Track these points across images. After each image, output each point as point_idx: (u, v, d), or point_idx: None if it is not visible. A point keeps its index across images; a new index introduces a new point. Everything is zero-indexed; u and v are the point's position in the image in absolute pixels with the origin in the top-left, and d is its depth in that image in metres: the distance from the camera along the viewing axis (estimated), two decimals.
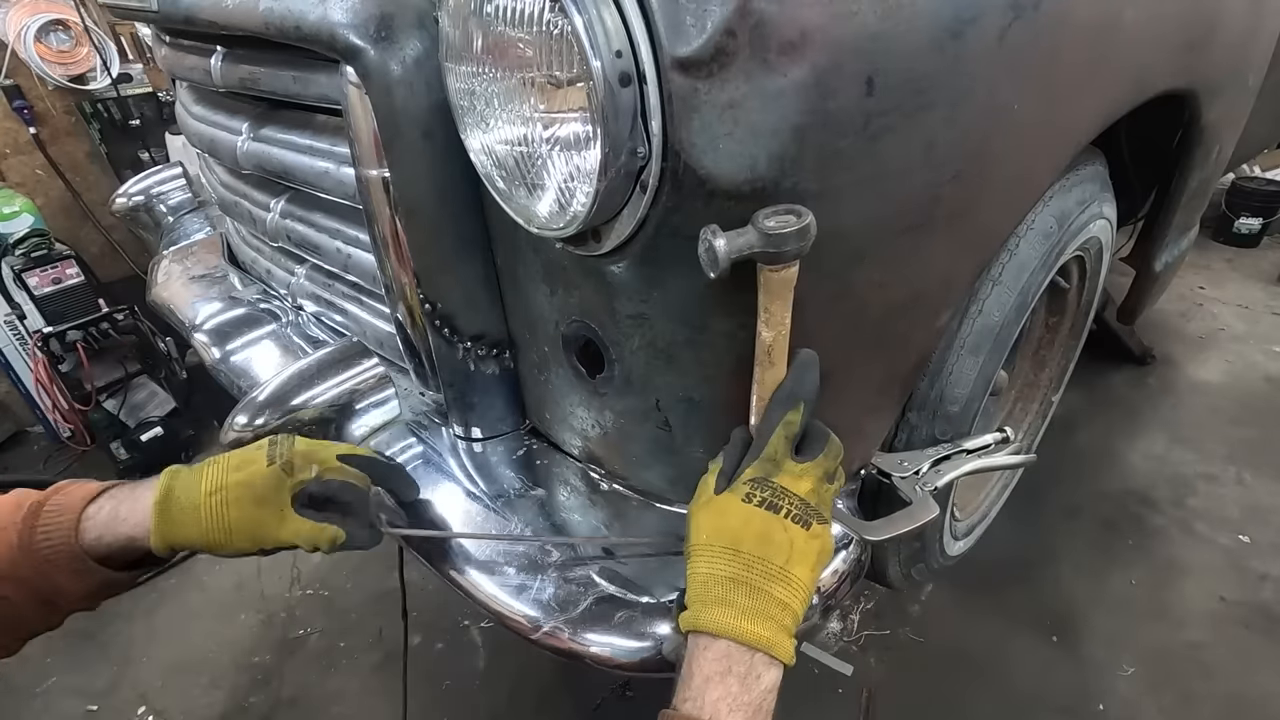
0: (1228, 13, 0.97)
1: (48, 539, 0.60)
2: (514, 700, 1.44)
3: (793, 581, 0.59)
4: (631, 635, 0.71)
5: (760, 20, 0.46)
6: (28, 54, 2.40)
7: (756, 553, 0.59)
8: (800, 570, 0.59)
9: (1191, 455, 1.95)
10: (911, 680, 1.41)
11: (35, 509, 0.61)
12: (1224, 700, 1.34)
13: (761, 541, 0.59)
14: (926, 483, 0.83)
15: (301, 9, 0.66)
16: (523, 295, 0.77)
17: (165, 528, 0.63)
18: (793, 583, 0.59)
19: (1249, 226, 3.19)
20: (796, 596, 0.59)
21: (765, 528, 0.59)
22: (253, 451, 0.68)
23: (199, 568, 1.84)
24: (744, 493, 0.60)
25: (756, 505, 0.60)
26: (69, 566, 0.61)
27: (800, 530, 0.60)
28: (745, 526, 0.59)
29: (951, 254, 0.72)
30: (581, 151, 0.53)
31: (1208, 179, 1.26)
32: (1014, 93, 0.64)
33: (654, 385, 0.70)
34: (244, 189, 1.09)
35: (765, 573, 0.58)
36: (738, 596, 0.58)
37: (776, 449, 0.61)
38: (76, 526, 0.61)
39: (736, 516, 0.60)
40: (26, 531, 0.60)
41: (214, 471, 0.66)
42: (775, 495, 0.60)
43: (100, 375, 2.17)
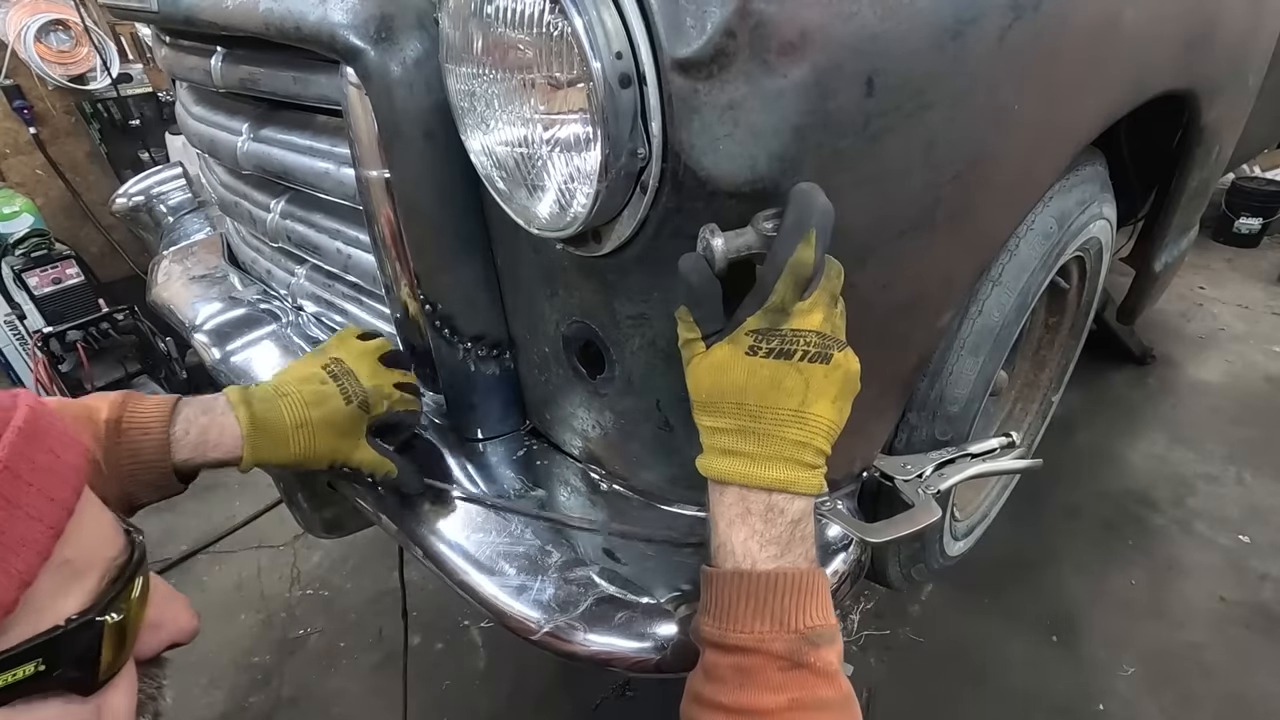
0: (1228, 13, 0.97)
1: (135, 458, 0.64)
2: (514, 700, 1.45)
3: (810, 420, 0.56)
4: (631, 635, 0.71)
5: (760, 21, 0.46)
6: (28, 54, 2.41)
7: (765, 403, 0.56)
8: (820, 407, 0.56)
9: (1191, 455, 1.95)
10: (911, 680, 1.41)
11: (114, 428, 0.64)
12: (1224, 700, 1.34)
13: (771, 389, 0.56)
14: (929, 486, 0.83)
15: (301, 9, 0.66)
16: (523, 296, 0.77)
17: (258, 454, 0.70)
18: (810, 421, 0.56)
19: (1249, 226, 3.19)
20: (819, 433, 0.56)
21: (775, 375, 0.56)
22: (325, 387, 0.75)
23: (199, 568, 1.85)
24: (747, 345, 0.56)
25: (764, 356, 0.56)
26: (155, 483, 0.66)
27: (819, 366, 0.56)
28: (751, 378, 0.56)
29: (952, 254, 0.73)
30: (582, 153, 0.53)
31: (1208, 179, 1.26)
32: (1014, 93, 0.64)
33: (654, 385, 0.70)
34: (244, 189, 1.09)
35: (776, 419, 0.56)
36: (746, 445, 0.56)
37: (784, 296, 0.55)
38: (167, 447, 0.66)
39: (740, 370, 0.56)
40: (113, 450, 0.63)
41: (293, 406, 0.72)
42: (785, 341, 0.56)
43: (100, 375, 2.18)
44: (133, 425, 0.65)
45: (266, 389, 0.74)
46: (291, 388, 0.74)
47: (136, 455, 0.65)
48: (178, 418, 0.68)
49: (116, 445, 0.64)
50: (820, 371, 0.56)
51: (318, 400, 0.73)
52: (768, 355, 0.56)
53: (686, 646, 0.70)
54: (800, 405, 0.56)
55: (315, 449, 0.73)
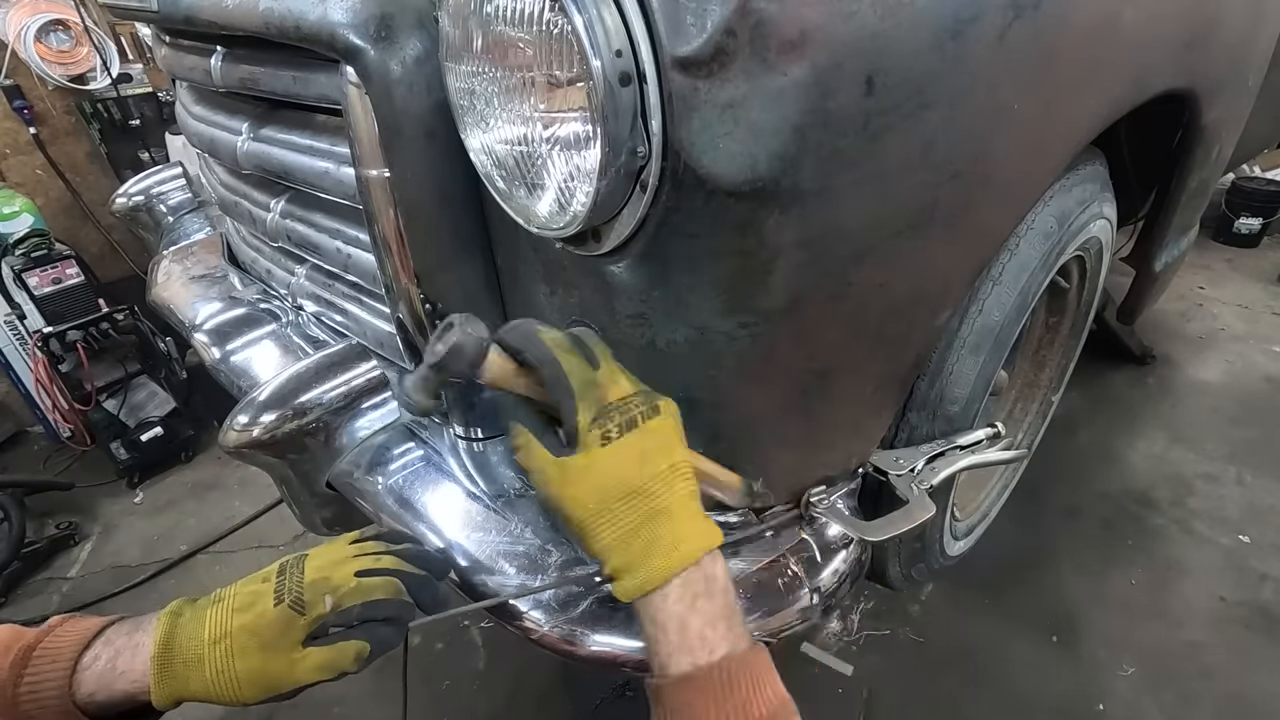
0: (1228, 13, 0.97)
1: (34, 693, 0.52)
2: (514, 700, 1.44)
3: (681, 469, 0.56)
4: (631, 635, 0.71)
5: (760, 20, 0.46)
6: (28, 54, 2.40)
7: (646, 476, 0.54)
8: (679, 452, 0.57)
9: (1191, 455, 1.95)
10: (911, 680, 1.41)
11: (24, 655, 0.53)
12: (1224, 700, 1.34)
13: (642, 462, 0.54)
14: (922, 480, 0.84)
15: (301, 9, 0.66)
16: (523, 295, 0.77)
17: (167, 684, 0.54)
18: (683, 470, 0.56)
19: (1249, 226, 3.19)
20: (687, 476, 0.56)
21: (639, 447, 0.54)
22: (260, 585, 0.59)
23: (199, 568, 1.84)
24: (598, 436, 0.54)
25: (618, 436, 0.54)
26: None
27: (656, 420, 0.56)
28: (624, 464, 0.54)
29: (951, 254, 0.73)
30: (581, 151, 0.53)
31: (1208, 179, 1.26)
32: (1014, 92, 0.64)
33: (654, 385, 0.69)
34: (244, 189, 1.09)
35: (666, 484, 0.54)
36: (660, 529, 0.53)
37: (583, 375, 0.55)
38: (70, 679, 0.53)
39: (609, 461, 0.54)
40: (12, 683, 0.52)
41: (219, 613, 0.57)
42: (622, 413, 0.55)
43: (100, 375, 2.17)
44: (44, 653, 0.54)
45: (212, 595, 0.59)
46: (237, 587, 0.59)
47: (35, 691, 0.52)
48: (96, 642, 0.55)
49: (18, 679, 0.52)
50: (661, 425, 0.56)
51: (247, 604, 0.57)
52: (619, 433, 0.54)
53: None
54: (670, 462, 0.55)
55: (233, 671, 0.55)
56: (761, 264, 0.57)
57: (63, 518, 2.02)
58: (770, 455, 0.75)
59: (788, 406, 0.71)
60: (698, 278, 0.59)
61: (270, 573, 0.60)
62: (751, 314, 0.61)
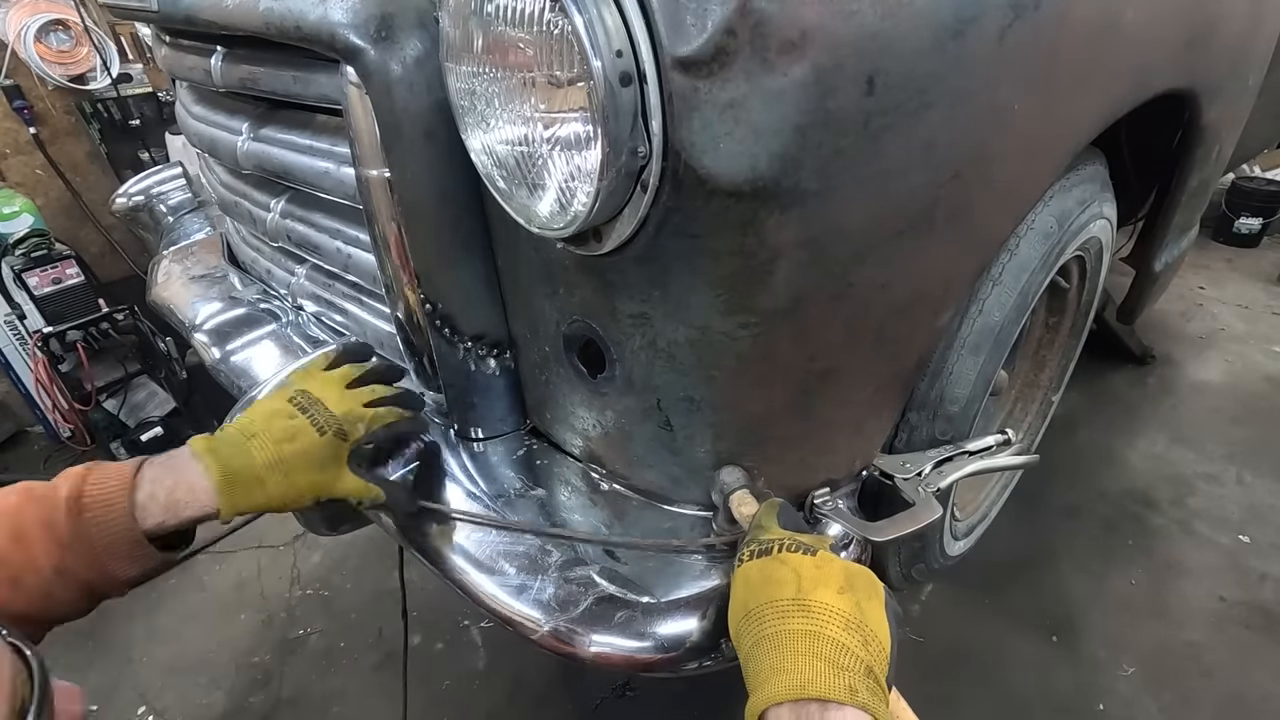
0: (1228, 13, 0.97)
1: (103, 530, 0.61)
2: (514, 700, 1.44)
3: (814, 608, 0.52)
4: (631, 635, 0.71)
5: (761, 19, 0.46)
6: (28, 54, 2.41)
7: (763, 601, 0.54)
8: (823, 594, 0.53)
9: (1191, 455, 1.95)
10: (911, 680, 1.41)
11: (74, 503, 0.60)
12: (1224, 700, 1.34)
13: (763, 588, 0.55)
14: (929, 484, 0.83)
15: (301, 9, 0.66)
16: (524, 295, 0.77)
17: (234, 503, 0.67)
18: (814, 609, 0.52)
19: (1249, 226, 3.20)
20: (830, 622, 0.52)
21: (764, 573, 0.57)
22: (294, 421, 0.71)
23: (199, 568, 1.84)
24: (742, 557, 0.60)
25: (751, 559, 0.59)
26: (129, 554, 0.62)
27: (804, 558, 0.56)
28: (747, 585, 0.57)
29: (952, 254, 0.73)
30: (582, 151, 0.53)
31: (1208, 179, 1.26)
32: (1014, 92, 0.64)
33: (655, 385, 0.70)
34: (244, 189, 1.09)
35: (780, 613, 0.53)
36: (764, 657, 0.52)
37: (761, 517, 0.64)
38: (133, 515, 0.62)
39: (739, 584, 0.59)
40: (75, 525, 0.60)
41: (264, 445, 0.68)
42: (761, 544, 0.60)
43: (100, 375, 2.17)
44: (95, 500, 0.62)
45: (233, 433, 0.70)
46: (259, 426, 0.70)
47: (104, 530, 0.61)
48: (142, 483, 0.64)
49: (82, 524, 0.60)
50: (809, 563, 0.56)
51: (288, 435, 0.69)
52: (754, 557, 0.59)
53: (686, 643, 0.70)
54: (797, 593, 0.54)
55: (294, 487, 0.69)
56: (762, 264, 0.57)
57: None
58: (772, 455, 0.75)
59: (789, 407, 0.71)
60: (698, 278, 0.59)
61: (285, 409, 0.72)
62: (752, 314, 0.61)
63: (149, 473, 0.65)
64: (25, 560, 0.58)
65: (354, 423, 0.73)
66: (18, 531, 0.58)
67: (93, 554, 0.60)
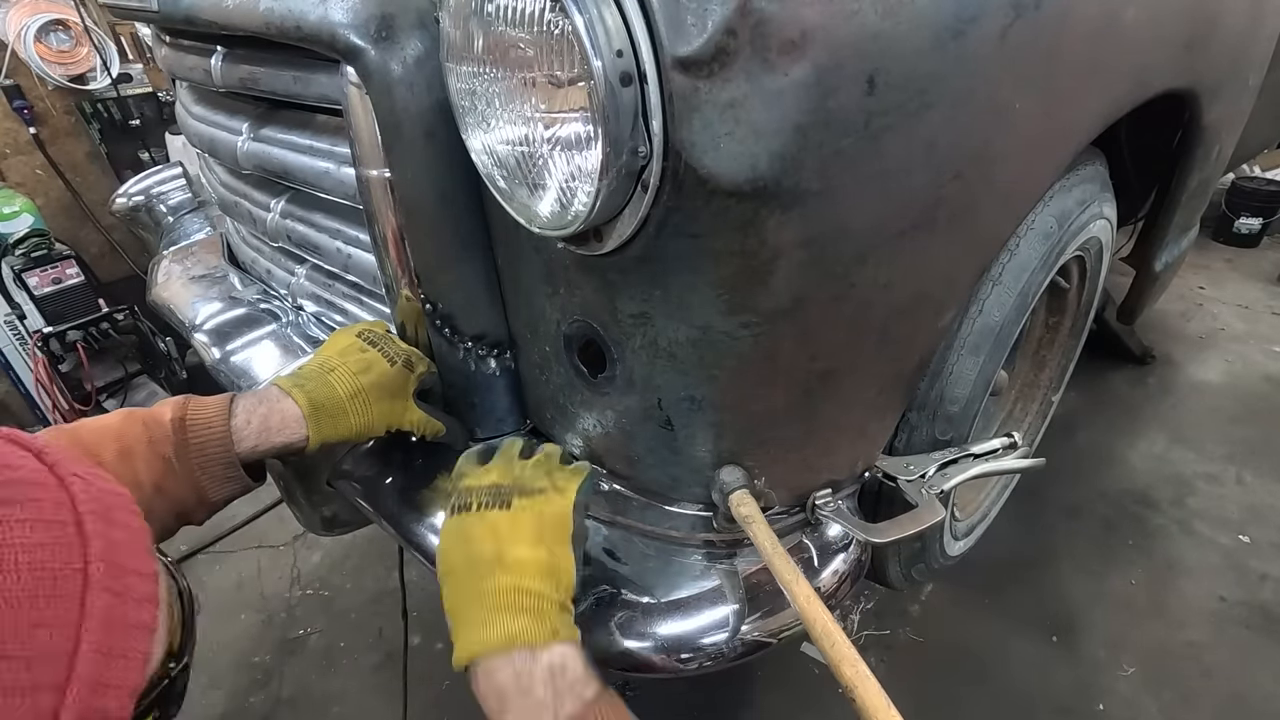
0: (1228, 13, 0.97)
1: (202, 452, 0.66)
2: None
3: (512, 565, 0.59)
4: (631, 635, 0.71)
5: (761, 19, 0.46)
6: (28, 54, 2.41)
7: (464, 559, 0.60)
8: (519, 550, 0.60)
9: (1191, 455, 1.95)
10: (911, 680, 1.41)
11: (179, 424, 0.66)
12: (1224, 700, 1.34)
13: (463, 545, 0.61)
14: (933, 486, 0.83)
15: (302, 9, 0.66)
16: (524, 295, 0.77)
17: (322, 432, 0.71)
18: (512, 566, 0.59)
19: (1249, 226, 3.20)
20: (526, 574, 0.59)
21: (462, 529, 0.63)
22: (367, 354, 0.76)
23: (199, 568, 1.84)
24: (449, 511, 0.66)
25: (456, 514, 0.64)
26: (224, 474, 0.67)
27: (499, 512, 0.63)
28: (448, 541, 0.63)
29: (954, 254, 0.72)
30: (582, 151, 0.53)
31: (1208, 179, 1.26)
32: (1015, 92, 0.64)
33: (656, 384, 0.70)
34: (244, 189, 1.09)
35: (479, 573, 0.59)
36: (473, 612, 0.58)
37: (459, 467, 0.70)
38: (230, 438, 0.67)
39: (442, 539, 0.64)
40: (181, 446, 0.64)
41: (344, 378, 0.74)
42: (460, 497, 0.65)
43: (100, 375, 2.17)
44: (196, 421, 0.67)
45: (312, 369, 0.75)
46: (336, 361, 0.75)
47: (203, 449, 0.66)
48: (236, 410, 0.69)
49: (184, 443, 0.65)
50: (504, 517, 0.62)
51: (364, 367, 0.75)
52: (454, 513, 0.64)
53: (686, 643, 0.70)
54: (496, 552, 0.60)
55: (372, 416, 0.75)
56: (763, 264, 0.57)
57: None
58: (774, 455, 0.75)
59: (791, 407, 0.71)
60: (699, 277, 0.59)
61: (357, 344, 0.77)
62: (753, 314, 0.61)
63: (243, 403, 0.70)
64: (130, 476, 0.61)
65: (420, 356, 0.80)
66: (125, 449, 0.62)
67: (190, 474, 0.65)
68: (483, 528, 0.62)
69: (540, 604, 0.58)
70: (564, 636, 0.58)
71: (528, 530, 0.61)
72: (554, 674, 0.56)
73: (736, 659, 0.73)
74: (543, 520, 0.63)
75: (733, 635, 0.73)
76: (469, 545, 0.61)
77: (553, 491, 0.66)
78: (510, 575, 0.59)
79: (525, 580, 0.58)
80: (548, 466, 0.70)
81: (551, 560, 0.61)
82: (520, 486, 0.65)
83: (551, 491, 0.66)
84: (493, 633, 0.56)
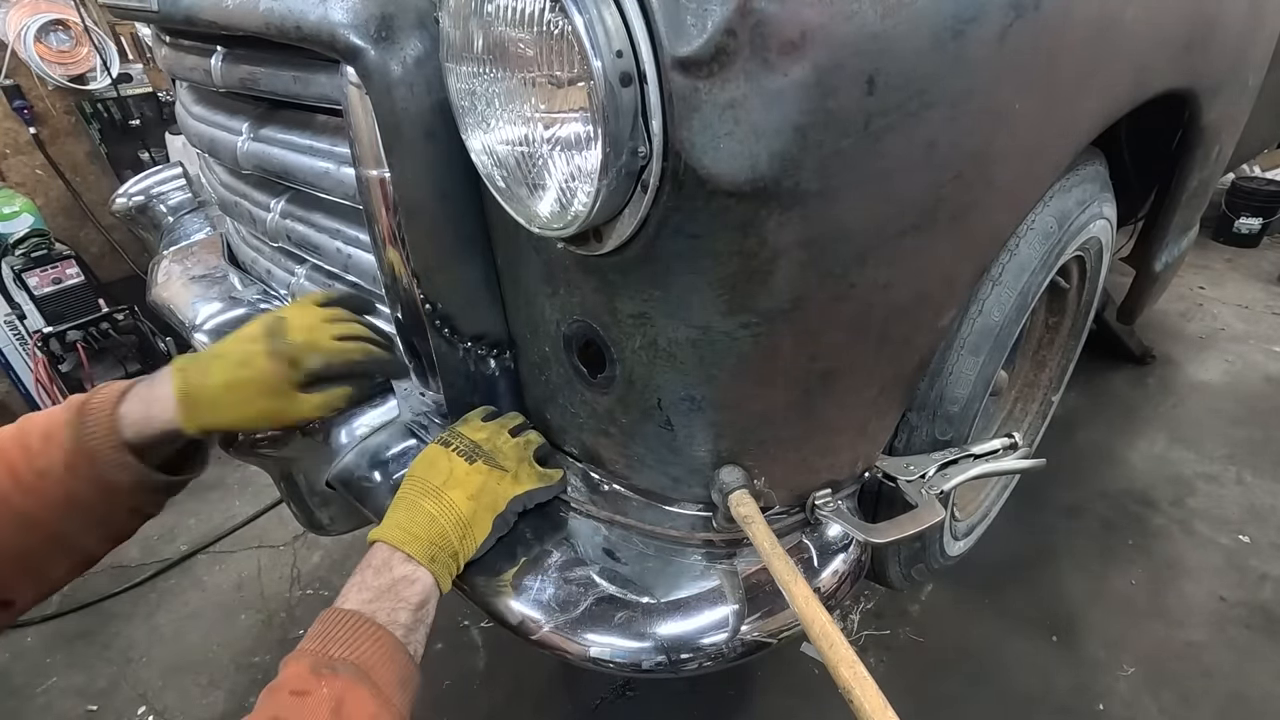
0: (1228, 13, 0.97)
1: (92, 435, 0.66)
2: (514, 700, 1.44)
3: (444, 500, 0.70)
4: (631, 635, 0.71)
5: (761, 20, 0.46)
6: (28, 54, 2.40)
7: (420, 474, 0.72)
8: (456, 494, 0.71)
9: (1191, 455, 1.95)
10: (911, 680, 1.41)
11: (80, 408, 0.68)
12: (1224, 700, 1.34)
13: (427, 466, 0.73)
14: (933, 486, 0.83)
15: (301, 9, 0.66)
16: (524, 295, 0.77)
17: (193, 419, 0.70)
18: (444, 501, 0.70)
19: (1249, 226, 3.20)
20: (448, 515, 0.69)
21: (434, 456, 0.74)
22: (253, 345, 0.73)
23: (199, 568, 1.84)
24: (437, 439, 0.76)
25: (439, 444, 0.75)
26: (114, 459, 0.67)
27: (462, 462, 0.73)
28: (423, 457, 0.74)
29: (953, 254, 0.72)
30: (582, 151, 0.53)
31: (1208, 179, 1.26)
32: (1015, 92, 0.64)
33: (655, 385, 0.70)
34: (244, 189, 1.09)
35: (421, 490, 0.71)
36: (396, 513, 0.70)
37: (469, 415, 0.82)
38: (114, 423, 0.68)
39: (425, 452, 0.75)
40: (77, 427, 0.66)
41: (222, 367, 0.72)
42: (451, 435, 0.76)
43: (100, 375, 2.17)
44: (92, 403, 0.68)
45: (205, 352, 0.74)
46: (227, 348, 0.74)
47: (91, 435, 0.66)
48: (132, 393, 0.70)
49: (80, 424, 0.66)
50: (463, 466, 0.73)
51: (244, 360, 0.72)
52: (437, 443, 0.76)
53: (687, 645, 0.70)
54: (442, 485, 0.71)
55: (246, 409, 0.72)
56: (763, 264, 0.57)
57: None
58: (774, 456, 0.75)
59: (791, 407, 0.71)
60: (699, 278, 0.59)
61: (255, 334, 0.75)
62: (753, 314, 0.61)
63: (139, 387, 0.71)
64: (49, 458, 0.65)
65: (308, 352, 0.75)
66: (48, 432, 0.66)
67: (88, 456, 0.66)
68: (445, 464, 0.73)
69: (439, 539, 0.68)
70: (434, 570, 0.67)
71: (470, 486, 0.72)
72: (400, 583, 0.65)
73: (736, 659, 0.73)
74: (484, 488, 0.73)
75: (732, 635, 0.73)
76: (431, 468, 0.72)
77: (510, 477, 0.76)
78: (438, 505, 0.69)
79: (443, 517, 0.69)
80: (522, 454, 0.79)
81: (470, 519, 0.71)
82: (490, 455, 0.75)
83: (509, 476, 0.76)
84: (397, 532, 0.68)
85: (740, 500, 0.70)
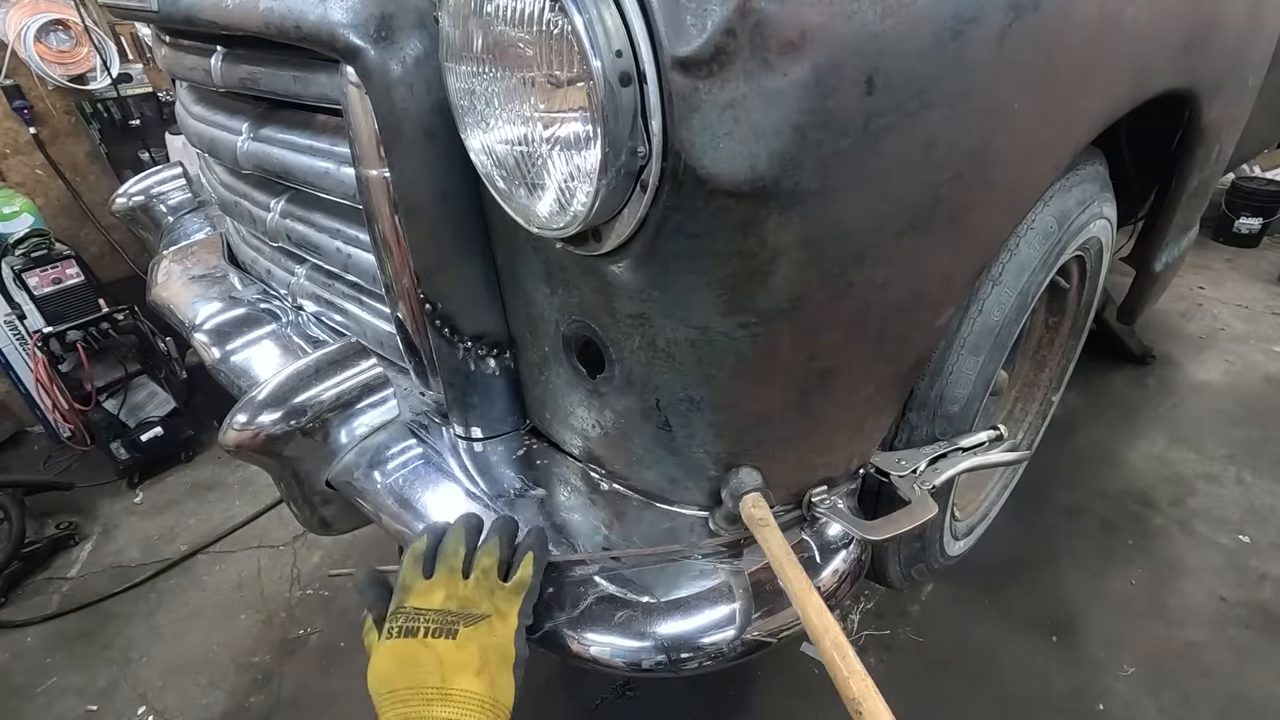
0: (1228, 13, 0.97)
1: None
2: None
3: (454, 696, 0.59)
4: (631, 635, 0.71)
5: (760, 19, 0.46)
6: (28, 54, 2.41)
7: (407, 684, 0.60)
8: (463, 680, 0.60)
9: (1191, 455, 1.95)
10: (911, 680, 1.41)
11: None
12: (1224, 700, 1.34)
13: (408, 670, 0.61)
14: (924, 481, 0.84)
15: (301, 9, 0.66)
16: (523, 295, 0.77)
17: None
18: (455, 698, 0.59)
19: (1249, 226, 3.19)
20: (469, 709, 0.59)
21: (408, 653, 0.61)
22: None
23: (199, 568, 1.84)
24: (385, 631, 0.63)
25: (397, 637, 0.62)
26: None
27: (445, 642, 0.62)
28: (391, 662, 0.61)
29: (952, 254, 0.72)
30: (582, 151, 0.53)
31: (1208, 179, 1.26)
32: (1014, 92, 0.64)
33: (654, 385, 0.70)
34: (244, 189, 1.09)
35: (424, 699, 0.59)
36: None
37: (404, 577, 0.66)
38: None
39: (384, 657, 0.62)
40: None
41: None
42: (409, 619, 0.63)
43: (100, 375, 2.17)
44: None
45: None
46: None
47: None
48: None
49: None
50: (449, 647, 0.61)
51: None
52: (399, 635, 0.62)
53: None
54: (442, 682, 0.60)
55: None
56: (762, 264, 0.57)
57: (63, 518, 2.02)
58: (772, 455, 0.75)
59: (789, 406, 0.71)
60: (698, 278, 0.59)
61: None
62: (752, 314, 0.61)
63: None
64: None
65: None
66: None
67: None
68: (429, 656, 0.61)
69: None
70: None
71: (472, 661, 0.61)
72: None
73: (736, 659, 0.73)
74: (486, 651, 0.63)
75: (733, 636, 0.73)
76: (414, 671, 0.61)
77: (496, 617, 0.65)
78: (453, 707, 0.59)
79: (468, 714, 0.59)
80: (489, 585, 0.67)
81: (493, 692, 0.61)
82: (465, 614, 0.64)
83: (495, 617, 0.65)
84: None
85: (755, 502, 0.70)
